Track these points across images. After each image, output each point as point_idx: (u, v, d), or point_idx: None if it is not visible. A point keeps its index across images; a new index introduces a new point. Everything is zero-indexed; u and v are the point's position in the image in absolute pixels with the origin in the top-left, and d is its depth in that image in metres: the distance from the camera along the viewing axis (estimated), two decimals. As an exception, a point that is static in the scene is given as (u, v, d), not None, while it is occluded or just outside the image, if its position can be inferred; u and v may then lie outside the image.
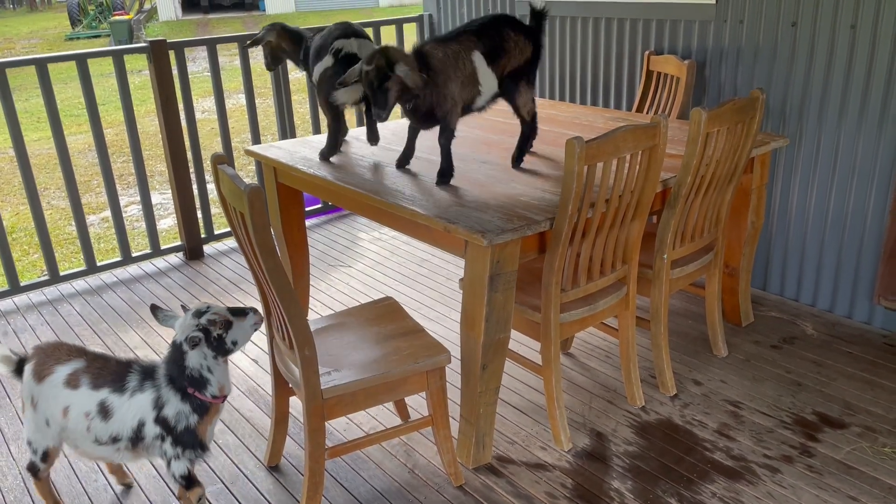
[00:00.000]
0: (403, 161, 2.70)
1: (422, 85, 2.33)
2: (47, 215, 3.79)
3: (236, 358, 3.08)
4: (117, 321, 3.46)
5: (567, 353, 3.02)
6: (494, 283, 2.16)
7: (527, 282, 2.48)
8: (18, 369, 2.07)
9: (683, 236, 2.61)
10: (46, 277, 3.80)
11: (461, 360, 2.31)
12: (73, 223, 3.87)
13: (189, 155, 4.04)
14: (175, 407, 1.97)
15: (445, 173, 2.50)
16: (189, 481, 2.03)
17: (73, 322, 3.47)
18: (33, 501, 2.32)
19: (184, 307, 2.00)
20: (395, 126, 3.33)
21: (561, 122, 3.22)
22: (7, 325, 3.46)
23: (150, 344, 3.24)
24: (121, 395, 1.97)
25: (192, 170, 4.08)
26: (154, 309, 2.04)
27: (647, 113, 3.58)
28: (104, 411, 1.97)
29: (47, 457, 2.10)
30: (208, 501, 2.27)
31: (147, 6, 22.33)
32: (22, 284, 3.74)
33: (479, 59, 2.50)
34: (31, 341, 3.30)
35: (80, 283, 3.88)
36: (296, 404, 2.58)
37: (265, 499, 2.30)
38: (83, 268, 3.89)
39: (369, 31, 4.65)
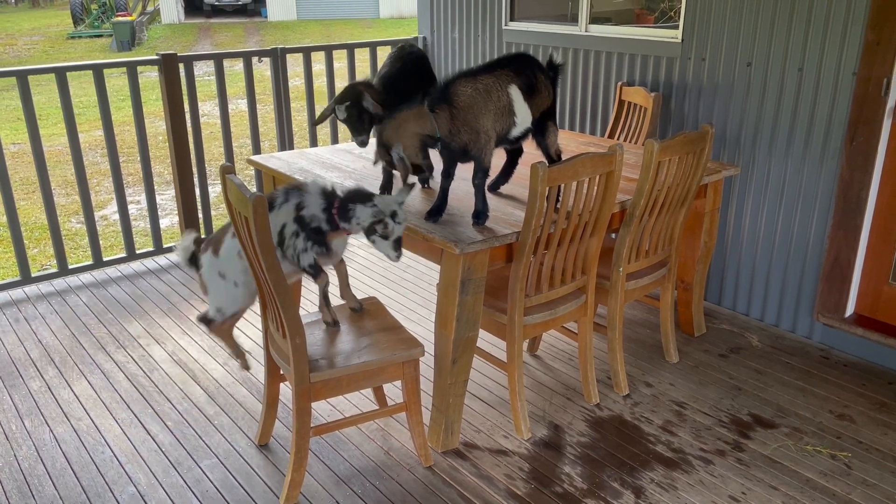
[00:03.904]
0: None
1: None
2: (43, 212, 4.08)
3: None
4: (122, 312, 3.74)
5: (534, 355, 3.32)
6: (465, 286, 2.45)
7: (495, 287, 2.78)
8: (192, 259, 2.56)
9: (638, 252, 2.91)
10: (55, 270, 4.07)
11: (434, 355, 2.61)
12: (72, 220, 4.10)
13: (193, 159, 4.33)
14: (313, 210, 2.32)
15: (480, 215, 2.53)
16: (316, 269, 2.40)
17: (80, 312, 3.74)
18: (45, 466, 2.59)
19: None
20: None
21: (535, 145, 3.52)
22: (18, 313, 3.73)
23: (151, 334, 3.52)
24: (273, 212, 2.32)
25: (195, 173, 4.36)
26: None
27: (619, 139, 3.89)
28: None
29: (233, 318, 2.57)
30: (328, 301, 2.54)
31: (150, 8, 22.59)
32: (33, 276, 4.01)
33: (515, 92, 2.60)
34: (41, 328, 3.57)
35: (86, 276, 4.15)
36: (285, 391, 2.86)
37: (255, 472, 2.57)
38: (90, 262, 4.17)
39: (366, 52, 4.98)
